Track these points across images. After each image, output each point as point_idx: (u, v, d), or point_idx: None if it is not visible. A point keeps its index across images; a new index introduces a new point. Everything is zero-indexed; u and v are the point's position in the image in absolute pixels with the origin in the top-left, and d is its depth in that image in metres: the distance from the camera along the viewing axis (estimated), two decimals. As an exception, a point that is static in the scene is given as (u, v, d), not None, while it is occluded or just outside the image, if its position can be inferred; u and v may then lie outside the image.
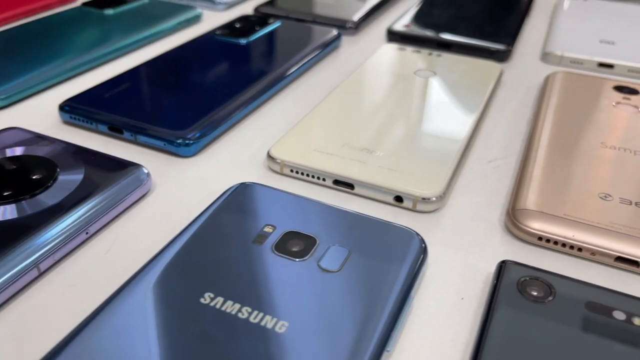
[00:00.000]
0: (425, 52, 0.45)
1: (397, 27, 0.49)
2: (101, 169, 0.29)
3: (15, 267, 0.23)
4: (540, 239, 0.26)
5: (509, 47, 0.46)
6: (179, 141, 0.32)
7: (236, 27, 0.47)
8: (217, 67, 0.40)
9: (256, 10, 0.54)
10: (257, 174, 0.31)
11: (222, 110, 0.35)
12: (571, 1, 0.58)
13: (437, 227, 0.28)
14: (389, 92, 0.38)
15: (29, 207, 0.26)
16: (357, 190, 0.29)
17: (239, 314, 0.21)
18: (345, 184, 0.29)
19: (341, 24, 0.51)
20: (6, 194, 0.26)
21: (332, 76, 0.43)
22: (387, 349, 0.20)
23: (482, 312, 0.22)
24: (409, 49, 0.45)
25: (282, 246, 0.24)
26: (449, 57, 0.44)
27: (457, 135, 0.33)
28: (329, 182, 0.30)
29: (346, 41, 0.50)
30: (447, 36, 0.47)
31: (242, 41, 0.45)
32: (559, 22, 0.52)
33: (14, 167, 0.29)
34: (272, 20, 0.49)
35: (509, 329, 0.21)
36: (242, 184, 0.28)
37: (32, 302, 0.23)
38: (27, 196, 0.26)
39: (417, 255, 0.24)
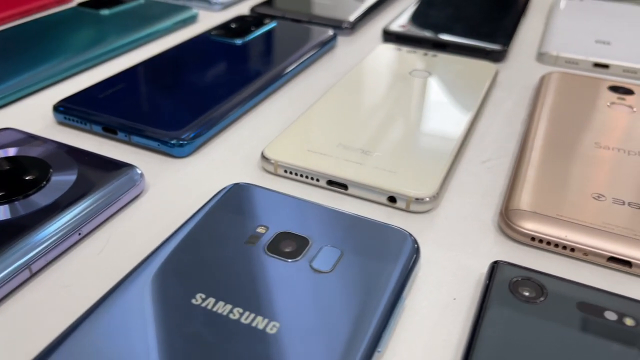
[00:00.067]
0: (420, 52, 0.45)
1: (393, 27, 0.50)
2: (94, 170, 0.29)
3: (6, 269, 0.23)
4: (533, 239, 0.26)
5: (505, 47, 0.46)
6: (173, 142, 0.32)
7: (232, 27, 0.47)
8: (212, 67, 0.40)
9: (252, 10, 0.54)
10: (251, 174, 0.31)
11: (216, 110, 0.35)
12: (567, 1, 0.58)
13: (430, 227, 0.28)
14: (384, 93, 0.38)
15: (22, 207, 0.26)
16: (350, 190, 0.29)
17: (231, 315, 0.21)
18: (339, 185, 0.29)
19: (337, 24, 0.51)
20: (-1, 194, 0.26)
21: (327, 76, 0.43)
22: (379, 350, 0.20)
23: (474, 312, 0.22)
24: (405, 49, 0.45)
25: (274, 247, 0.24)
26: (444, 57, 0.44)
27: (451, 135, 0.33)
28: (323, 183, 0.30)
29: (342, 41, 0.50)
30: (442, 36, 0.48)
31: (238, 41, 0.45)
32: (555, 22, 0.52)
33: (7, 167, 0.29)
34: (268, 20, 0.49)
35: (501, 329, 0.21)
36: (235, 185, 0.28)
37: (24, 303, 0.23)
38: (20, 197, 0.26)
39: (410, 255, 0.24)
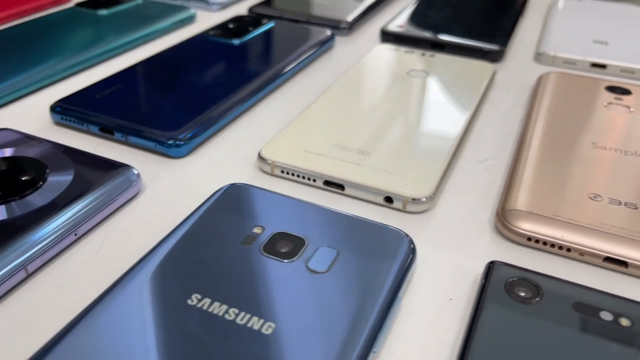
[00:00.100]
0: (418, 52, 0.45)
1: (391, 27, 0.50)
2: (91, 170, 0.29)
3: (3, 269, 0.23)
4: (529, 239, 0.26)
5: (502, 48, 0.46)
6: (170, 142, 0.32)
7: (229, 27, 0.47)
8: (210, 67, 0.40)
9: (250, 10, 0.54)
10: (248, 174, 0.31)
11: (213, 111, 0.35)
12: (565, 1, 0.58)
13: (426, 227, 0.28)
14: (381, 93, 0.38)
15: (18, 208, 0.26)
16: (347, 191, 0.29)
17: (226, 316, 0.21)
18: (335, 185, 0.29)
19: (335, 25, 0.51)
20: (-5, 195, 0.26)
21: (325, 77, 0.43)
22: (374, 350, 0.20)
23: (469, 312, 0.22)
24: (402, 49, 0.45)
25: (271, 247, 0.24)
26: (441, 57, 0.44)
27: (448, 135, 0.33)
28: (320, 183, 0.30)
29: (340, 41, 0.50)
30: (440, 36, 0.48)
31: (235, 42, 0.45)
32: (553, 23, 0.52)
33: (3, 168, 0.29)
34: (265, 20, 0.49)
35: (496, 330, 0.21)
36: (232, 185, 0.28)
37: (20, 304, 0.23)
38: (17, 197, 0.26)
39: (406, 256, 0.24)
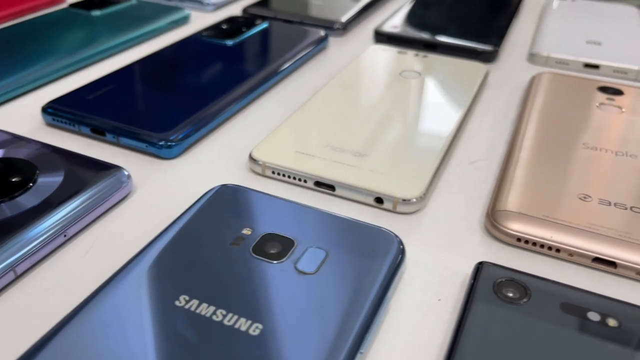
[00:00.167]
0: (411, 53, 0.45)
1: (385, 28, 0.50)
2: (81, 171, 0.29)
3: (-9, 270, 0.23)
4: (519, 240, 0.26)
5: (496, 48, 0.46)
6: (161, 143, 0.32)
7: (223, 28, 0.47)
8: (203, 68, 0.40)
9: (244, 11, 0.54)
10: (239, 175, 0.31)
11: (205, 112, 0.35)
12: (559, 2, 0.58)
13: (417, 228, 0.28)
14: (373, 94, 0.38)
15: (7, 209, 0.26)
16: (338, 191, 0.29)
17: (214, 317, 0.21)
18: (326, 186, 0.29)
19: (329, 25, 0.51)
20: (-15, 196, 0.26)
21: (318, 77, 0.43)
22: (361, 351, 0.20)
23: (458, 313, 0.22)
24: (396, 50, 0.45)
25: (260, 248, 0.24)
26: (434, 58, 0.44)
27: (439, 136, 0.33)
28: (311, 184, 0.30)
29: (334, 42, 0.50)
30: (434, 37, 0.48)
31: (229, 42, 0.45)
32: (547, 23, 0.52)
33: (-7, 169, 0.29)
34: (259, 21, 0.49)
35: (483, 330, 0.21)
36: (223, 186, 0.28)
37: (8, 305, 0.23)
38: (6, 199, 0.26)
39: (395, 256, 0.24)
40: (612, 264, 0.25)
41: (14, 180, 0.28)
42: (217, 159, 0.33)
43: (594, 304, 0.22)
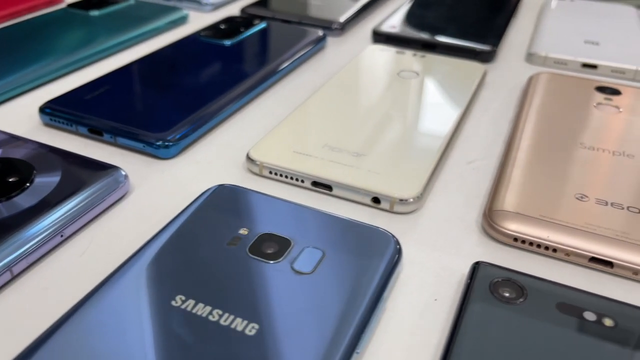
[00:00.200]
0: (409, 53, 0.45)
1: (383, 28, 0.50)
2: (78, 171, 0.29)
3: (-13, 270, 0.23)
4: (516, 240, 0.26)
5: (494, 48, 0.46)
6: (159, 143, 0.32)
7: (221, 28, 0.47)
8: (200, 68, 0.40)
9: (242, 11, 0.54)
10: (236, 175, 0.31)
11: (203, 111, 0.35)
12: (558, 2, 0.58)
13: (414, 228, 0.28)
14: (371, 94, 0.38)
15: (4, 209, 0.26)
16: (335, 191, 0.29)
17: (210, 317, 0.21)
18: (323, 186, 0.30)
19: (327, 25, 0.51)
20: (-18, 196, 0.26)
21: (316, 77, 0.43)
22: (357, 351, 0.20)
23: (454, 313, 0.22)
24: (394, 50, 0.45)
25: (256, 248, 0.24)
26: (432, 57, 0.44)
27: (437, 136, 0.33)
28: (308, 184, 0.30)
29: (332, 42, 0.50)
30: (432, 37, 0.48)
31: (227, 42, 0.45)
32: (545, 23, 0.52)
33: (-9, 169, 0.29)
34: (257, 21, 0.49)
35: (480, 330, 0.21)
36: (220, 186, 0.28)
37: (4, 306, 0.23)
38: (3, 198, 0.26)
39: (392, 256, 0.24)
40: (609, 264, 0.25)
41: (11, 180, 0.28)
42: (215, 159, 0.33)
43: (590, 303, 0.22)
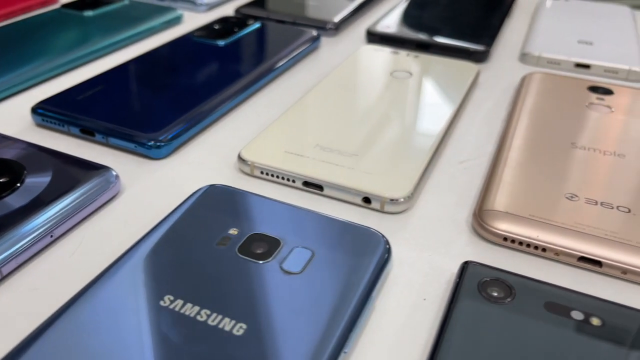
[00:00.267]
0: (403, 53, 0.45)
1: (377, 28, 0.50)
2: (69, 172, 0.29)
3: (-24, 271, 0.23)
4: (505, 239, 0.26)
5: (488, 48, 0.46)
6: (150, 143, 0.32)
7: (215, 28, 0.47)
8: (194, 69, 0.40)
9: (237, 11, 0.54)
10: (228, 175, 0.31)
11: (195, 112, 0.35)
12: (552, 2, 0.58)
13: (404, 228, 0.28)
14: (363, 94, 0.38)
15: (-5, 210, 0.26)
16: (326, 191, 0.29)
17: (198, 317, 0.21)
18: (314, 186, 0.30)
19: (321, 25, 0.51)
20: (-28, 197, 0.26)
21: (310, 77, 0.43)
22: (345, 350, 0.20)
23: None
24: (388, 50, 0.45)
25: (246, 248, 0.24)
26: (426, 57, 0.44)
27: (428, 136, 0.33)
28: (299, 184, 0.30)
29: (326, 42, 0.50)
30: (426, 37, 0.48)
31: (220, 43, 0.45)
32: (539, 23, 0.52)
33: (-19, 170, 0.29)
34: (251, 21, 0.49)
35: (467, 330, 0.21)
36: (210, 186, 0.28)
37: (-7, 306, 0.23)
38: (-6, 199, 0.26)
39: (381, 256, 0.24)
40: (598, 263, 0.25)
41: (1, 180, 0.28)
42: (207, 159, 0.33)
43: (578, 303, 0.22)
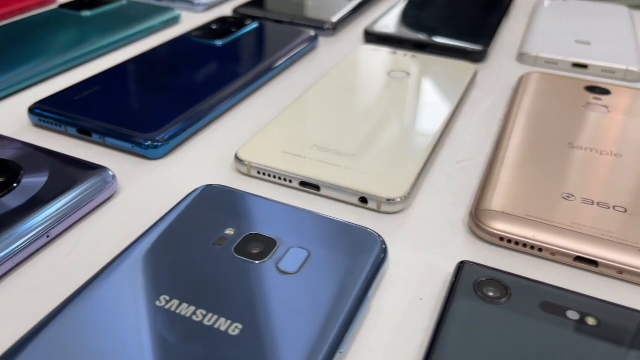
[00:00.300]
0: (400, 53, 0.45)
1: (375, 28, 0.50)
2: (66, 172, 0.29)
3: (-28, 271, 0.23)
4: (502, 239, 0.26)
5: (485, 48, 0.46)
6: (147, 143, 0.32)
7: (213, 28, 0.47)
8: (191, 69, 0.40)
9: (235, 11, 0.54)
10: (225, 176, 0.31)
11: (192, 112, 0.35)
12: (550, 2, 0.58)
13: (401, 228, 0.28)
14: (361, 94, 0.38)
15: (-9, 210, 0.26)
16: (323, 192, 0.29)
17: (194, 317, 0.21)
18: (311, 186, 0.30)
19: (319, 26, 0.51)
20: (-32, 197, 0.26)
21: (307, 78, 0.43)
22: (340, 350, 0.20)
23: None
24: (385, 50, 0.45)
25: (242, 248, 0.24)
26: (423, 58, 0.44)
27: (425, 136, 0.33)
28: (296, 184, 0.30)
29: (324, 42, 0.50)
30: (424, 37, 0.48)
31: (218, 43, 0.45)
32: (537, 23, 0.52)
33: (-22, 170, 0.29)
34: (249, 21, 0.49)
35: (463, 330, 0.21)
36: (207, 186, 0.28)
37: (-11, 306, 0.23)
38: (-10, 199, 0.26)
39: (377, 256, 0.24)
40: (594, 263, 0.25)
41: (-2, 181, 0.28)
42: (204, 159, 0.33)
43: (574, 302, 0.22)
